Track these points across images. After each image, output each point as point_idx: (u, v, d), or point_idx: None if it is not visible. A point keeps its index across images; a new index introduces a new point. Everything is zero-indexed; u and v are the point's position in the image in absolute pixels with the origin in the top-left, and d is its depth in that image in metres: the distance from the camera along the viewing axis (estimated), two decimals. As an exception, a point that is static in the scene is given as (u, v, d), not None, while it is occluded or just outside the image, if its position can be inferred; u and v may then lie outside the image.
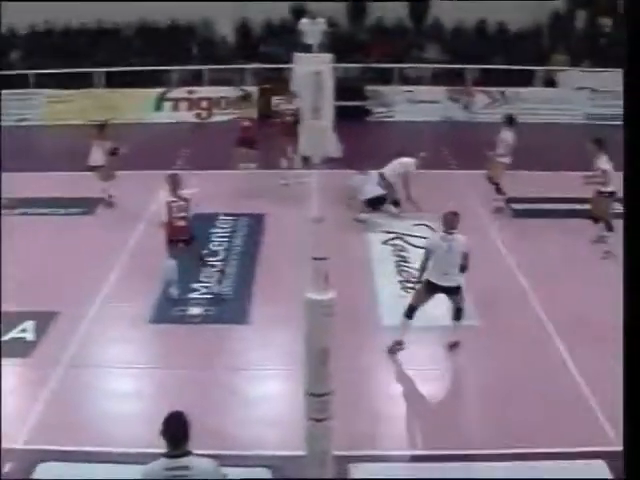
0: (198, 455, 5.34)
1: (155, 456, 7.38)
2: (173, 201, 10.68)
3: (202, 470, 5.27)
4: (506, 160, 13.75)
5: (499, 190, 14.03)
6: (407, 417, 8.46)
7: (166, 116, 21.82)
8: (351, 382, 8.31)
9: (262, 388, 8.93)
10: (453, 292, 9.36)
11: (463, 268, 9.21)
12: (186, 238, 10.83)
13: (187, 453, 5.27)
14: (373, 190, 13.54)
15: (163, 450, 7.46)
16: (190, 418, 8.07)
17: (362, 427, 8.00)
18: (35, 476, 7.39)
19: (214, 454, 7.45)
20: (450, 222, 9.27)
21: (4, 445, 7.75)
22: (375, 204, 13.61)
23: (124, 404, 8.67)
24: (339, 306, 6.62)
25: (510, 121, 13.98)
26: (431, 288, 9.33)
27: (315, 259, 6.48)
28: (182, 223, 10.73)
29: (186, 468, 5.22)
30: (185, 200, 10.72)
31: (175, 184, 10.77)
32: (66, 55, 24.17)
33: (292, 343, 9.25)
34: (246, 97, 15.75)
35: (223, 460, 7.38)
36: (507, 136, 13.70)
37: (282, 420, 8.19)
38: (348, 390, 7.95)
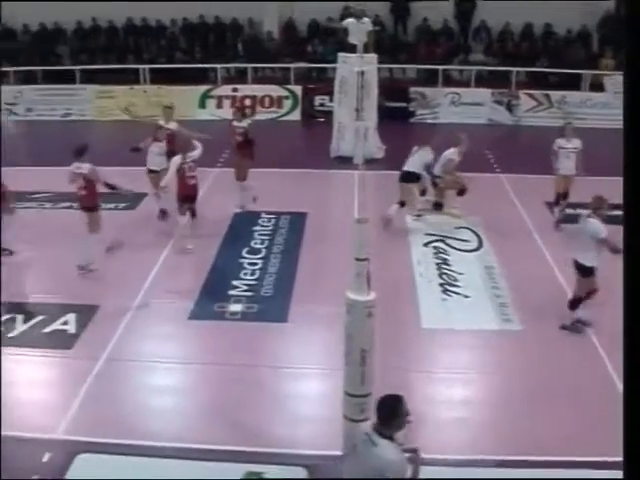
0: (394, 444, 5.32)
1: (192, 451, 7.54)
2: (184, 163, 11.89)
3: (379, 455, 5.25)
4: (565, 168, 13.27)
5: (562, 197, 13.52)
6: (443, 421, 8.36)
7: (210, 113, 21.97)
8: (389, 384, 8.24)
9: (300, 386, 8.91)
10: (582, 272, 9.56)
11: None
12: (194, 195, 12.19)
13: (383, 435, 5.31)
14: (415, 165, 13.28)
15: (207, 445, 7.55)
16: (228, 413, 8.18)
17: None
18: (73, 467, 7.45)
19: (250, 451, 7.57)
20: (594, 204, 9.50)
21: (43, 435, 7.90)
22: (409, 179, 13.38)
23: (162, 398, 8.73)
24: (379, 307, 6.58)
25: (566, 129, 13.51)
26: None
27: (357, 260, 6.45)
28: (192, 182, 12.07)
29: (373, 444, 5.26)
30: (194, 162, 11.99)
31: (186, 147, 12.09)
32: (112, 51, 24.51)
33: (331, 343, 9.22)
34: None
35: (259, 457, 7.49)
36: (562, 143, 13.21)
37: (319, 419, 8.17)
38: (387, 391, 7.90)
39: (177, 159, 12.01)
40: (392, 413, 5.39)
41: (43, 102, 23.17)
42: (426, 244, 12.74)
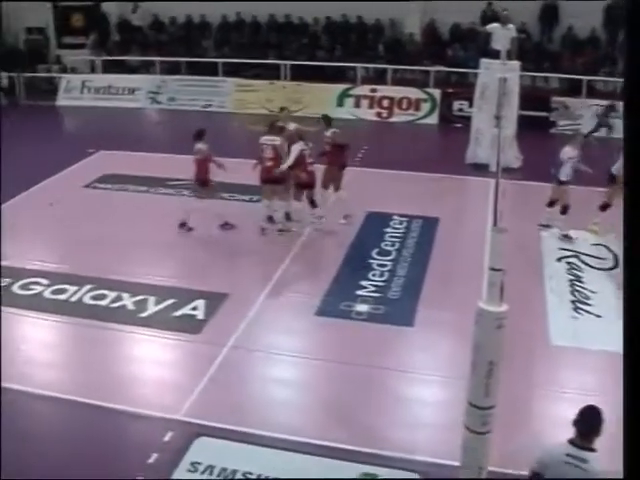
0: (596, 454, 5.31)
1: (309, 446, 7.61)
2: (304, 149, 12.37)
3: (596, 471, 5.24)
4: None
5: None
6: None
7: (347, 112, 22.08)
8: (514, 398, 8.08)
9: (420, 392, 8.84)
10: None
11: None
12: (313, 182, 12.55)
13: (591, 449, 5.29)
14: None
15: (325, 442, 7.61)
16: (346, 412, 8.21)
17: (520, 446, 7.75)
18: (192, 449, 7.68)
19: (366, 452, 7.58)
20: None
21: (166, 415, 8.20)
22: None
23: (283, 391, 8.88)
24: (508, 319, 6.43)
25: None
26: None
27: (492, 269, 6.32)
28: (310, 169, 12.45)
29: (583, 461, 5.24)
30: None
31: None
32: (254, 47, 25.04)
33: (456, 351, 9.13)
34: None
35: (374, 459, 7.48)
36: None
37: (436, 427, 8.11)
38: (510, 406, 7.75)
39: (298, 146, 12.35)
40: (594, 425, 5.30)
41: (185, 92, 24.00)
42: (559, 259, 12.37)
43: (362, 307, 10.52)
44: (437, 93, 21.71)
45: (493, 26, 17.10)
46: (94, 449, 7.80)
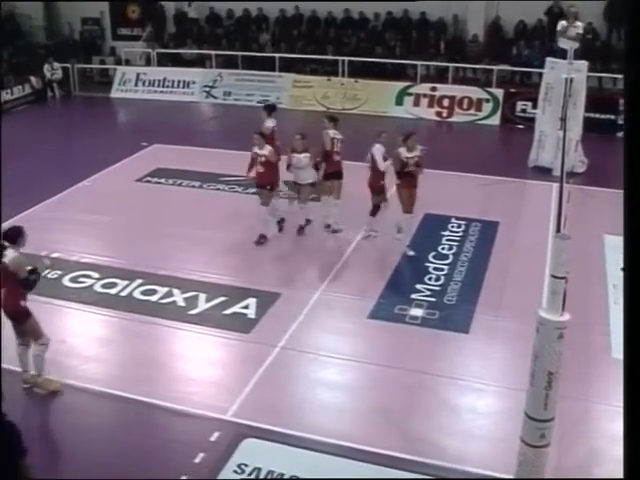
0: None
1: (357, 451, 7.60)
2: (334, 138, 12.78)
3: None
4: None
5: None
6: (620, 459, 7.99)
7: (405, 111, 22.04)
8: (572, 412, 8.01)
9: (473, 401, 8.74)
10: None
11: None
12: (340, 172, 12.88)
13: None
14: None
15: (373, 448, 7.62)
16: (396, 418, 8.20)
17: (578, 461, 7.67)
18: (239, 450, 7.75)
19: (417, 460, 7.56)
20: None
21: (214, 414, 8.30)
22: None
23: (332, 394, 8.87)
24: (568, 329, 6.37)
25: None
26: None
27: (554, 277, 6.27)
28: (337, 158, 12.78)
29: None
30: (342, 141, 12.85)
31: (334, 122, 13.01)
32: (313, 42, 25.12)
33: (513, 360, 9.08)
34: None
35: (425, 468, 7.47)
36: None
37: (491, 438, 8.05)
38: (568, 419, 7.68)
39: (331, 132, 12.84)
40: None
41: (241, 87, 24.23)
42: (624, 268, 12.16)
43: (417, 311, 10.50)
44: (500, 93, 21.51)
45: (561, 24, 16.89)
46: (140, 446, 7.93)
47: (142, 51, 26.91)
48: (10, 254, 8.39)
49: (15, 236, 8.54)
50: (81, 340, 9.98)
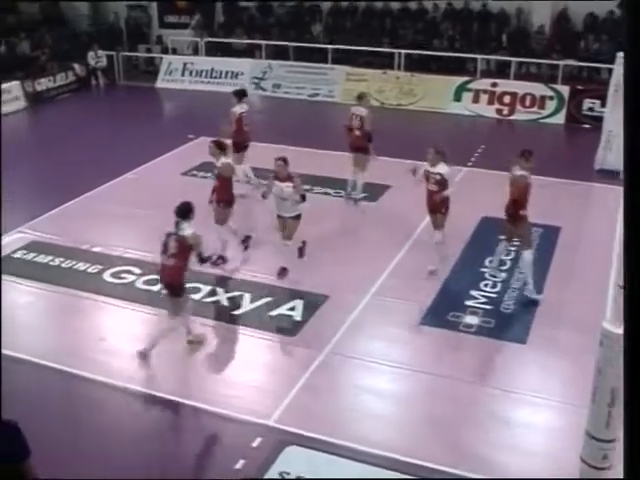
0: None
1: (404, 464, 7.60)
2: (355, 114, 13.75)
3: None
4: None
5: None
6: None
7: (464, 107, 21.88)
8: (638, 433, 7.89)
9: (529, 416, 8.69)
10: None
11: None
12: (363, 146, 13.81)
13: None
14: None
15: (420, 461, 7.62)
16: (445, 431, 8.18)
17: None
18: (281, 458, 7.80)
19: (466, 477, 7.53)
20: None
21: (257, 419, 8.36)
22: None
23: (379, 402, 8.88)
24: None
25: None
26: None
27: (620, 287, 6.20)
28: (358, 133, 13.69)
29: None
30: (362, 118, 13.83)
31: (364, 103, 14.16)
32: (367, 33, 25.10)
33: (572, 374, 9.00)
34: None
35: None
36: None
37: (546, 456, 7.95)
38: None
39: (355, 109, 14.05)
40: None
41: (291, 79, 24.29)
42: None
43: (471, 319, 10.45)
44: (565, 90, 21.23)
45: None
46: (179, 450, 8.06)
47: (190, 40, 27.17)
48: (187, 228, 9.16)
49: (187, 211, 9.28)
50: (121, 338, 10.14)
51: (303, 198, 11.26)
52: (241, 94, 15.05)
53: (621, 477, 5.02)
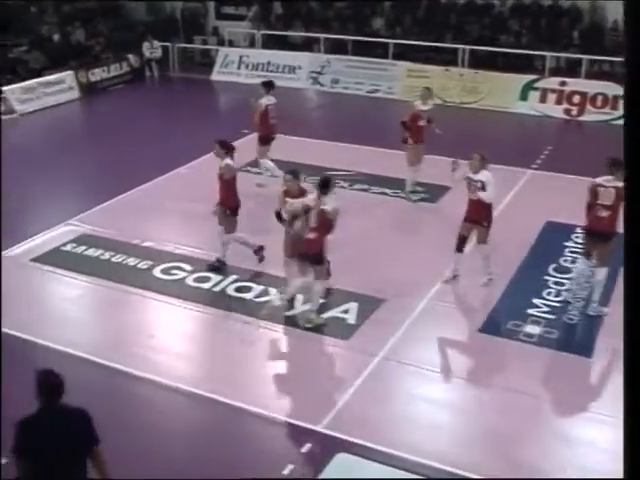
0: None
1: (452, 475, 7.59)
2: (421, 110, 14.25)
3: None
4: None
5: None
6: None
7: (530, 107, 21.66)
8: None
9: (592, 434, 8.55)
10: None
11: None
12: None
13: None
14: None
15: (475, 475, 7.57)
16: (502, 444, 8.09)
17: None
18: (331, 465, 7.80)
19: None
20: None
21: (307, 424, 8.38)
22: None
23: (432, 412, 8.84)
24: None
25: None
26: None
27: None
28: (422, 123, 14.16)
29: None
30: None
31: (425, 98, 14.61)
32: (431, 28, 25.02)
33: (641, 391, 8.82)
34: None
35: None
36: None
37: (608, 476, 7.81)
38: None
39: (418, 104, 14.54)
40: None
41: (350, 74, 24.29)
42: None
43: (533, 328, 10.32)
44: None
45: None
46: (226, 453, 8.11)
47: (246, 32, 27.38)
48: (328, 203, 9.84)
49: (326, 185, 10.03)
50: (171, 336, 10.26)
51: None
52: (269, 85, 15.31)
53: (621, 477, 5.09)
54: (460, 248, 11.39)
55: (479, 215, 11.13)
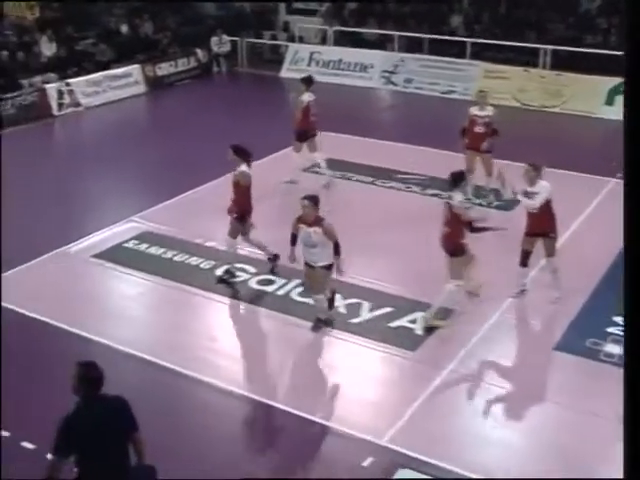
0: None
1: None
2: (476, 115, 14.30)
3: None
4: None
5: None
6: None
7: (617, 113, 21.01)
8: None
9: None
10: None
11: None
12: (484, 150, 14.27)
13: None
14: None
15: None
16: (574, 469, 7.93)
17: None
18: (393, 480, 7.77)
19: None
20: None
21: (369, 437, 8.36)
22: None
23: (500, 430, 8.74)
24: None
25: None
26: None
27: None
28: (481, 130, 14.18)
29: None
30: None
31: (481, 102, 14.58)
32: (511, 26, 24.73)
33: None
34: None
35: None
36: None
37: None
38: None
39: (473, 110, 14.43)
40: None
41: (425, 74, 24.14)
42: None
43: (613, 348, 10.07)
44: None
45: None
46: (286, 462, 8.16)
47: (318, 28, 27.44)
48: (455, 197, 10.26)
49: (456, 180, 10.49)
50: (232, 339, 10.38)
51: (337, 249, 10.01)
52: (309, 81, 15.50)
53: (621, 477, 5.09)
54: (525, 262, 11.22)
55: (543, 227, 10.94)
